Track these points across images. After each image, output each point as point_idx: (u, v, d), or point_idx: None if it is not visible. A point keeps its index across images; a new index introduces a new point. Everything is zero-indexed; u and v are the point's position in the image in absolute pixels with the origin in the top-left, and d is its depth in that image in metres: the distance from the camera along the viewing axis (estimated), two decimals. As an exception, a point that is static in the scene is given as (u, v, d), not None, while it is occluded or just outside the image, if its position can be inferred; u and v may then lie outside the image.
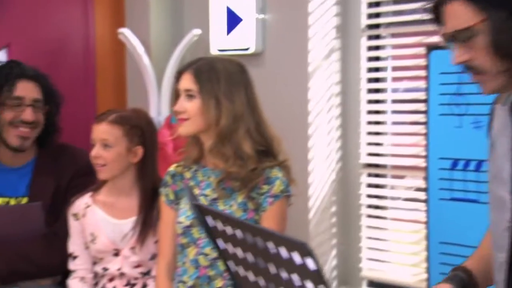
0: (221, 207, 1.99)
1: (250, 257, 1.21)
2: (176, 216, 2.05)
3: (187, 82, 1.97)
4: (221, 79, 1.95)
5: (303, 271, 1.07)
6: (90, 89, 3.16)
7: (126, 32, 2.89)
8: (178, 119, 2.00)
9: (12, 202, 2.35)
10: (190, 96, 1.97)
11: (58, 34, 3.07)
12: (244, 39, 2.84)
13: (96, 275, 2.23)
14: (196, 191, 2.03)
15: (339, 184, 2.76)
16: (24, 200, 2.35)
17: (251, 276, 1.24)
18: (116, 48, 3.18)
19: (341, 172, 2.76)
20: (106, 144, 2.15)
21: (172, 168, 2.10)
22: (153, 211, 2.17)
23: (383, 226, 2.69)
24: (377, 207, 2.71)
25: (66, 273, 2.28)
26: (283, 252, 1.09)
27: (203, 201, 2.02)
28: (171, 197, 2.08)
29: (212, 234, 1.33)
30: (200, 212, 1.34)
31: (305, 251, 1.05)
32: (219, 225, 1.29)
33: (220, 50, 2.92)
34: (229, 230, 1.24)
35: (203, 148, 2.03)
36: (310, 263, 1.05)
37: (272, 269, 1.15)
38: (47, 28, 3.04)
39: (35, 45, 2.97)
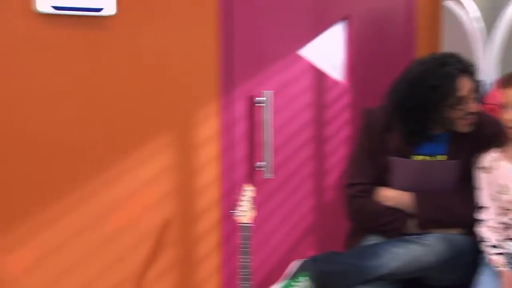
0: None
1: None
2: None
3: None
4: None
5: None
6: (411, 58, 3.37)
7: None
8: None
9: (427, 158, 2.59)
10: None
11: (385, 4, 3.31)
12: None
13: (503, 226, 2.40)
14: None
15: None
16: (443, 158, 2.53)
17: None
18: (433, 18, 3.36)
19: None
20: None
21: None
22: None
23: None
24: None
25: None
26: None
27: None
28: None
29: None
30: None
31: None
32: None
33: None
34: None
35: None
36: None
37: None
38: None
39: (370, 17, 3.23)
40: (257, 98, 3.02)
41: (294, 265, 2.38)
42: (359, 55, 3.23)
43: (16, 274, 2.68)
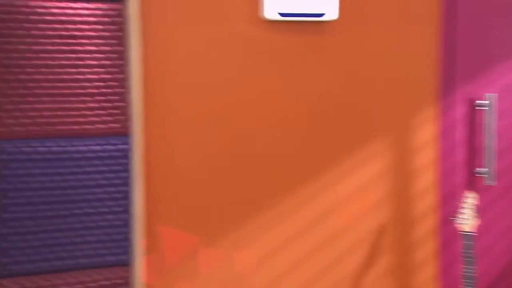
0: None
1: None
2: None
3: None
4: None
5: None
6: None
7: None
8: None
9: None
10: None
11: None
12: None
13: None
14: None
15: None
16: None
17: None
18: None
19: None
20: None
21: None
22: None
23: None
24: None
25: None
26: None
27: None
28: None
29: None
30: None
31: None
32: None
33: None
34: None
35: None
36: None
37: None
38: None
39: None
40: (479, 101, 2.90)
41: None
42: None
43: (241, 272, 2.80)
